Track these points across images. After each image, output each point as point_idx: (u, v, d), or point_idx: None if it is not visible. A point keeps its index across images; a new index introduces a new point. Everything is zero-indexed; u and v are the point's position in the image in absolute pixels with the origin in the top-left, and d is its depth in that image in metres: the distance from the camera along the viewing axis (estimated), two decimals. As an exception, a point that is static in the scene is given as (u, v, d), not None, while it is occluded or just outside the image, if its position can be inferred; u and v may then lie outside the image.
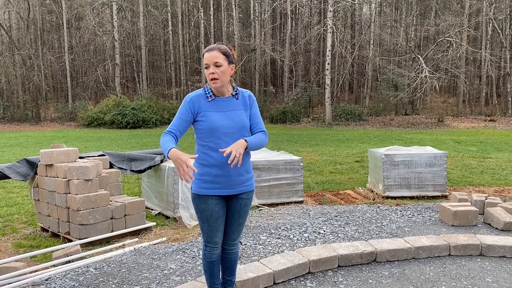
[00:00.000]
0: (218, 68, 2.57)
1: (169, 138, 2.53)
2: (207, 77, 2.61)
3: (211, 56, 2.57)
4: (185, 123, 2.61)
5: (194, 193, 2.70)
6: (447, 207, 4.76)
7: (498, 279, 3.46)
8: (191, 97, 2.65)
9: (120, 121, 24.29)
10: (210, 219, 2.68)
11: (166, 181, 6.11)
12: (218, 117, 2.62)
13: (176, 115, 2.64)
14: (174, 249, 4.08)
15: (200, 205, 2.67)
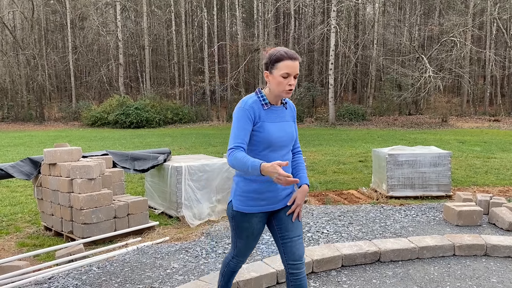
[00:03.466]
0: (295, 80, 2.32)
1: (245, 154, 2.21)
2: (280, 85, 2.31)
3: (295, 66, 2.29)
4: (249, 134, 2.32)
5: (237, 211, 2.43)
6: (451, 207, 4.73)
7: (503, 280, 3.43)
8: (250, 104, 2.34)
9: (123, 120, 24.34)
10: (250, 237, 2.47)
11: (169, 181, 6.10)
12: (274, 129, 2.36)
13: (237, 126, 2.30)
14: (177, 249, 4.07)
15: (243, 224, 2.43)
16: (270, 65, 2.32)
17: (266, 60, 2.36)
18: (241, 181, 2.42)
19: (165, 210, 6.30)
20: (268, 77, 2.35)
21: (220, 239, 4.34)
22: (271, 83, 2.34)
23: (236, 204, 2.44)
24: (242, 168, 2.17)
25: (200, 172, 6.15)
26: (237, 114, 2.33)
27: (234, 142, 2.28)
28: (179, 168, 5.92)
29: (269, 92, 2.39)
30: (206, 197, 6.21)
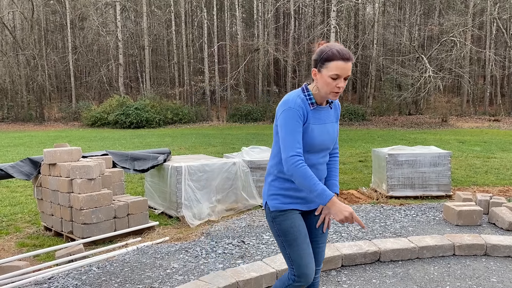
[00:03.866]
0: (345, 82, 2.13)
1: (311, 172, 2.08)
2: (327, 86, 2.12)
3: (347, 67, 2.08)
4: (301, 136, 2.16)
5: (275, 210, 2.25)
6: (451, 207, 4.73)
7: (503, 279, 3.43)
8: (299, 104, 2.15)
9: (123, 121, 24.33)
10: (299, 237, 2.22)
11: (169, 181, 6.10)
12: (318, 131, 2.21)
13: (290, 128, 2.11)
14: (177, 249, 4.07)
15: (284, 223, 2.23)
16: (319, 63, 2.12)
17: (316, 57, 2.15)
18: (275, 180, 2.28)
19: (165, 210, 6.30)
20: (316, 75, 2.16)
21: (220, 239, 4.34)
22: (318, 82, 2.15)
23: (273, 203, 2.26)
24: (305, 187, 2.05)
25: (200, 172, 6.15)
26: (287, 114, 2.13)
27: (294, 148, 2.09)
28: (179, 168, 5.92)
29: (316, 90, 2.19)
30: (206, 197, 6.21)
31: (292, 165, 2.06)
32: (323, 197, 2.04)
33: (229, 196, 6.50)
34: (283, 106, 2.16)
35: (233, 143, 14.44)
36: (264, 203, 2.32)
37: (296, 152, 2.08)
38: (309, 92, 2.21)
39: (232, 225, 5.03)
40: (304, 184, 2.05)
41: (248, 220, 5.31)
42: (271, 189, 2.28)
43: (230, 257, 3.87)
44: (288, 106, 2.13)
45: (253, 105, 29.10)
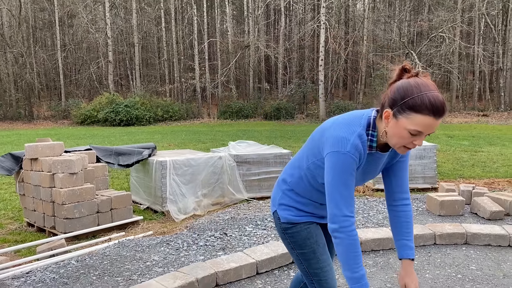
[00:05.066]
0: (424, 138, 1.64)
1: (359, 252, 1.69)
2: (400, 140, 1.61)
3: (436, 125, 1.56)
4: None
5: (287, 222, 1.95)
6: (434, 197, 4.75)
7: (482, 267, 3.45)
8: (359, 148, 1.67)
9: (113, 118, 24.18)
10: (318, 249, 1.93)
11: (154, 176, 6.06)
12: (363, 174, 1.81)
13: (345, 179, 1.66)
14: (158, 242, 4.04)
15: (298, 234, 1.93)
16: (399, 107, 1.57)
17: (396, 96, 1.59)
18: (291, 191, 1.96)
19: (150, 205, 6.27)
20: (389, 120, 1.62)
21: (202, 232, 4.32)
22: (389, 129, 1.62)
23: (284, 214, 1.96)
24: (344, 260, 1.67)
25: (185, 167, 6.11)
26: (343, 160, 1.65)
27: (349, 206, 1.67)
28: (163, 163, 5.89)
29: (383, 137, 1.67)
30: (192, 191, 6.18)
31: (344, 228, 1.65)
32: (357, 284, 1.66)
33: (215, 191, 6.47)
34: (338, 145, 1.65)
35: (223, 140, 14.40)
36: (273, 211, 2.01)
37: (351, 213, 1.67)
38: (374, 134, 1.69)
39: (216, 218, 5.01)
40: (346, 256, 1.66)
41: (233, 213, 5.29)
42: (285, 198, 1.96)
43: (212, 249, 3.85)
44: (346, 150, 1.64)
45: (244, 102, 29.06)
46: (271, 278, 3.30)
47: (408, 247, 1.86)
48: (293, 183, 1.96)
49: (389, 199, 1.92)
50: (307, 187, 1.92)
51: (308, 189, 1.92)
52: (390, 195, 1.91)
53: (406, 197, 1.89)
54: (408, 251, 1.85)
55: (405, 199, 1.89)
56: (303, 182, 1.92)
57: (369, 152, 1.72)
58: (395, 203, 1.90)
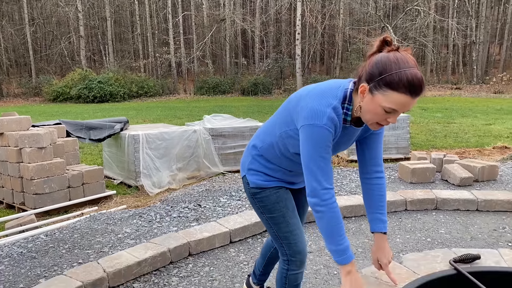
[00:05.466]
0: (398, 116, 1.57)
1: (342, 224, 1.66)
2: (374, 116, 1.56)
3: (411, 104, 1.51)
4: None
5: (256, 187, 1.92)
6: (405, 165, 4.81)
7: (451, 230, 3.53)
8: (335, 121, 1.62)
9: (86, 95, 23.59)
10: (287, 213, 1.92)
11: (126, 150, 5.95)
12: (336, 146, 1.76)
13: (323, 153, 1.61)
14: (130, 214, 3.98)
15: (267, 199, 1.91)
16: (376, 82, 1.50)
17: (374, 70, 1.52)
18: (261, 156, 1.92)
19: (124, 180, 6.17)
20: (365, 95, 1.56)
21: (176, 204, 4.27)
22: (364, 104, 1.57)
23: (253, 179, 1.93)
24: (327, 232, 1.63)
25: (159, 141, 6.02)
26: (318, 133, 1.59)
27: (328, 179, 1.62)
28: (136, 137, 5.78)
29: (357, 112, 1.63)
30: (166, 165, 6.10)
31: (325, 201, 1.60)
32: (342, 257, 1.63)
33: (190, 164, 6.41)
34: (314, 118, 1.59)
35: (200, 116, 14.24)
36: (243, 175, 1.98)
37: (331, 185, 1.63)
38: (350, 108, 1.64)
39: (190, 191, 4.97)
40: (329, 229, 1.62)
41: (208, 185, 5.26)
42: (254, 163, 1.93)
43: (185, 220, 3.82)
44: (323, 123, 1.58)
45: (221, 77, 28.74)
46: (245, 246, 3.30)
47: (380, 220, 1.83)
48: (263, 149, 1.92)
49: (362, 172, 1.88)
50: (277, 154, 1.88)
51: (278, 156, 1.89)
52: (363, 167, 1.87)
53: (380, 170, 1.86)
54: (380, 225, 1.82)
55: (378, 172, 1.86)
56: (274, 149, 1.88)
57: (344, 125, 1.68)
58: (368, 176, 1.86)
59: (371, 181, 1.85)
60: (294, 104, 1.73)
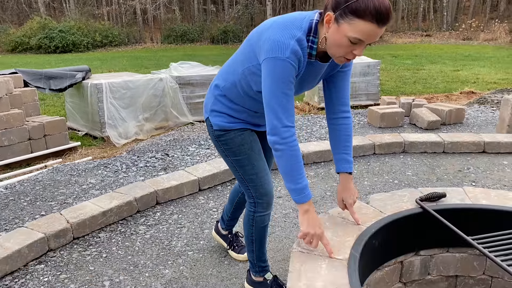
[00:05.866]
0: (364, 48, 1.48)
1: (301, 163, 1.59)
2: (339, 48, 1.46)
3: (378, 34, 1.41)
4: None
5: (221, 129, 1.85)
6: (375, 110, 4.81)
7: (417, 172, 3.58)
8: (299, 54, 1.50)
9: (47, 45, 22.42)
10: (252, 155, 1.86)
11: (89, 100, 5.71)
12: (300, 83, 1.67)
13: (285, 88, 1.51)
14: (95, 165, 3.86)
15: (232, 141, 1.85)
16: (342, 10, 1.40)
17: None
18: (223, 96, 1.83)
19: (89, 131, 5.97)
20: (330, 24, 1.45)
21: (142, 154, 4.16)
22: (330, 35, 1.46)
23: (216, 121, 1.85)
24: (287, 171, 1.57)
25: (123, 90, 5.79)
26: (281, 67, 1.48)
27: (289, 116, 1.54)
28: (99, 86, 5.53)
29: (322, 44, 1.52)
30: (132, 115, 5.92)
31: (284, 140, 1.53)
32: (300, 195, 1.58)
33: (158, 114, 6.24)
34: (276, 50, 1.48)
35: (167, 65, 13.81)
36: (206, 117, 1.90)
37: (292, 123, 1.55)
38: (315, 41, 1.53)
39: (158, 141, 4.85)
40: (288, 167, 1.56)
41: (176, 135, 5.14)
42: (217, 104, 1.84)
43: (152, 170, 3.73)
44: (285, 56, 1.47)
45: (189, 25, 27.75)
46: (214, 194, 3.26)
47: (346, 161, 1.78)
48: (226, 89, 1.81)
49: (329, 112, 1.80)
50: (240, 94, 1.78)
51: (242, 96, 1.78)
52: (330, 107, 1.79)
53: (347, 110, 1.79)
54: (346, 165, 1.78)
55: (345, 112, 1.79)
56: (237, 88, 1.78)
57: (309, 60, 1.57)
58: (335, 116, 1.79)
59: (337, 121, 1.79)
60: (257, 37, 1.61)
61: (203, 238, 2.62)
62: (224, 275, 2.25)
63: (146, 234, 2.68)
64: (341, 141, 1.78)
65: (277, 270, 2.28)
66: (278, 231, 2.68)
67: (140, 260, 2.39)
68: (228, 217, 2.39)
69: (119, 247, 2.52)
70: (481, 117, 5.39)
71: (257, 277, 2.08)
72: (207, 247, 2.52)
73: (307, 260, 1.54)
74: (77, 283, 2.19)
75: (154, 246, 2.54)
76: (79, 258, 2.42)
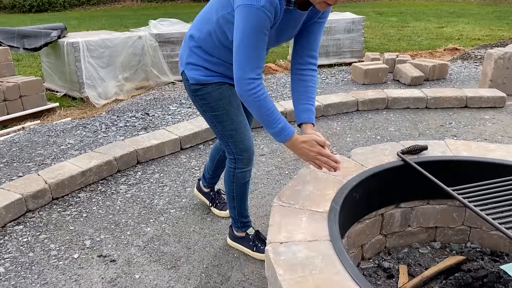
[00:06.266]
0: None
1: (273, 105, 1.55)
2: None
3: None
4: None
5: (198, 83, 1.77)
6: (359, 67, 4.75)
7: (400, 128, 3.58)
8: (274, 5, 1.43)
9: (22, 4, 21.48)
10: (231, 110, 1.80)
11: (66, 59, 5.51)
12: (277, 34, 1.61)
13: (254, 39, 1.45)
14: (73, 125, 3.76)
15: (209, 96, 1.78)
16: None
17: None
18: (199, 48, 1.74)
19: (68, 92, 5.80)
20: None
21: (122, 113, 4.07)
22: None
23: (192, 74, 1.77)
24: (261, 119, 1.55)
25: (101, 48, 5.59)
26: (254, 16, 1.42)
27: (254, 67, 1.49)
28: (75, 44, 5.32)
29: None
30: (111, 75, 5.75)
31: (248, 92, 1.50)
32: (280, 136, 1.57)
33: (138, 74, 6.07)
34: None
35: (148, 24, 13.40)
36: (181, 71, 1.81)
37: (256, 75, 1.50)
38: None
39: (138, 100, 4.74)
40: (260, 116, 1.55)
41: (157, 94, 5.03)
42: (192, 56, 1.76)
43: (133, 129, 3.66)
44: (260, 4, 1.40)
45: (170, -17, 26.77)
46: (196, 152, 3.22)
47: (311, 111, 1.71)
48: (201, 40, 1.74)
49: (295, 63, 1.74)
50: (216, 44, 1.71)
51: (217, 46, 1.71)
52: (297, 58, 1.72)
53: (314, 62, 1.74)
54: (311, 115, 1.71)
55: (312, 64, 1.74)
56: (212, 38, 1.70)
57: (287, 7, 1.50)
58: (302, 67, 1.73)
59: (304, 72, 1.72)
60: None
61: (185, 196, 2.60)
62: (207, 231, 2.25)
63: (127, 193, 2.64)
64: (307, 92, 1.72)
65: (259, 225, 2.29)
66: (261, 188, 2.67)
67: (122, 219, 2.37)
68: (209, 175, 2.36)
69: (99, 207, 2.49)
70: (464, 72, 5.38)
71: (239, 233, 2.08)
72: (189, 205, 2.50)
73: (288, 213, 1.52)
74: (57, 243, 2.16)
75: (136, 205, 2.51)
76: (58, 218, 2.38)
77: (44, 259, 2.04)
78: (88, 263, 2.02)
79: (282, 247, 1.34)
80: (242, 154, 1.87)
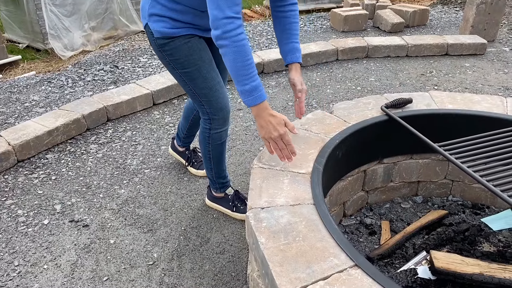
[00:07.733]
0: None
1: (253, 60, 1.38)
2: None
3: None
4: None
5: (164, 36, 1.60)
6: (338, 13, 4.56)
7: (380, 78, 3.49)
8: None
9: None
10: (203, 66, 1.65)
11: (26, 8, 5.12)
12: None
13: None
14: (37, 81, 3.53)
15: (178, 51, 1.62)
16: None
17: None
18: (165, 1, 1.56)
19: (31, 43, 5.43)
20: None
21: (90, 67, 3.84)
22: None
23: (157, 27, 1.59)
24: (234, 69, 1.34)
25: (64, -5, 5.20)
26: None
27: (231, 6, 1.30)
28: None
29: None
30: (77, 24, 5.39)
31: (227, 33, 1.30)
32: (249, 97, 1.37)
33: (105, 23, 5.71)
34: None
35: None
36: (144, 24, 1.64)
37: (236, 14, 1.32)
38: None
39: (106, 52, 4.48)
40: (234, 67, 1.34)
41: (126, 45, 4.77)
42: (156, 6, 1.57)
43: (101, 84, 3.45)
44: None
45: None
46: (170, 108, 3.08)
47: (297, 50, 1.62)
48: None
49: (274, 1, 1.62)
50: None
51: None
52: None
53: (295, 2, 1.64)
54: (297, 54, 1.62)
55: (293, 3, 1.64)
56: None
57: None
58: (281, 3, 1.62)
59: (285, 9, 1.62)
60: None
61: (160, 155, 2.49)
62: (184, 191, 2.17)
63: (98, 153, 2.51)
64: (291, 29, 1.63)
65: (238, 184, 2.21)
66: (239, 145, 2.58)
67: (93, 181, 2.25)
68: (184, 134, 2.24)
69: (69, 168, 2.36)
70: (445, 18, 5.25)
71: (218, 193, 2.00)
72: (164, 164, 2.39)
73: (269, 176, 1.44)
74: (25, 209, 2.05)
75: (108, 165, 2.39)
76: (25, 182, 2.25)
77: (11, 226, 1.93)
78: (60, 229, 1.92)
79: (263, 213, 1.26)
80: (217, 113, 1.74)
